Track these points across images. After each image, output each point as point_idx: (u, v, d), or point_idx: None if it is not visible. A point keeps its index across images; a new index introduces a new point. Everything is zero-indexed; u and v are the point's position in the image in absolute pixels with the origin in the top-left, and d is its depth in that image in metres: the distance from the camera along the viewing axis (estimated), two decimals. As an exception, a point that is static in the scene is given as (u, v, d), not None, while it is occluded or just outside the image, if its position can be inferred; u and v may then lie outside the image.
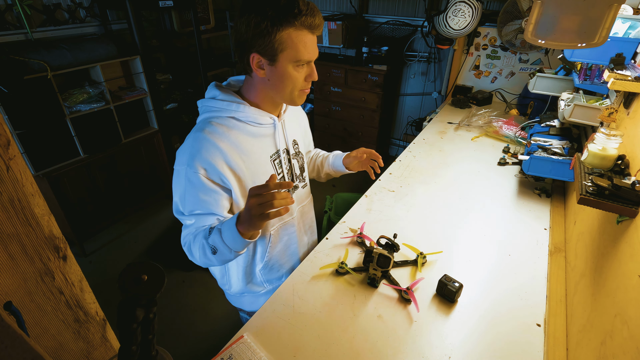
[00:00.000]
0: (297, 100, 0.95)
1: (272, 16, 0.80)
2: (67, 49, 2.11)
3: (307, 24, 0.83)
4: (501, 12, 2.28)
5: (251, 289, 1.14)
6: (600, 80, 1.18)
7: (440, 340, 0.87)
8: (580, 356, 0.78)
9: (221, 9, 3.31)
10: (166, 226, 2.78)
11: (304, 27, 0.83)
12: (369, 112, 3.12)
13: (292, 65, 0.86)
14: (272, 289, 1.16)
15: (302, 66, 0.89)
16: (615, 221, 0.81)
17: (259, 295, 1.16)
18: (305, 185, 1.15)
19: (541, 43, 0.82)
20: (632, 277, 0.66)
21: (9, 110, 1.89)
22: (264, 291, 1.16)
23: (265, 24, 0.80)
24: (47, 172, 2.15)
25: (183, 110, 3.12)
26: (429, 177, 1.57)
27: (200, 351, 1.86)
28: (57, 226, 0.69)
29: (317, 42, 0.89)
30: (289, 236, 1.12)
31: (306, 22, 0.82)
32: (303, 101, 0.97)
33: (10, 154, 0.58)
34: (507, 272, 1.08)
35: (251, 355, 0.83)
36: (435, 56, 3.02)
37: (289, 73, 0.87)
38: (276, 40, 0.82)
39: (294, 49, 0.84)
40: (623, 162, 0.85)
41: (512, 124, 1.99)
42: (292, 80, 0.89)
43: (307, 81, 0.92)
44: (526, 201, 1.42)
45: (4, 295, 0.61)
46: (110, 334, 0.87)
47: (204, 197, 0.88)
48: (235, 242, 0.81)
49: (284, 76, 0.88)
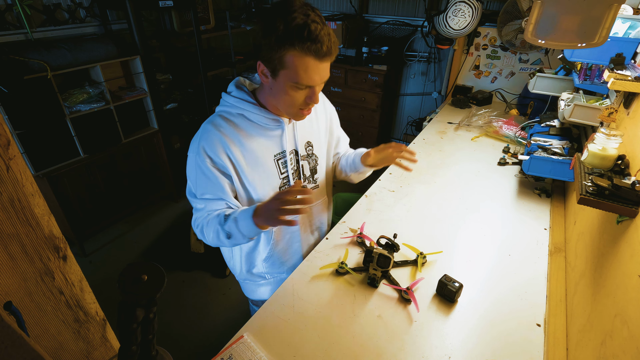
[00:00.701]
0: (295, 117, 0.97)
1: (280, 33, 0.78)
2: (67, 49, 2.11)
3: (313, 49, 0.80)
4: (501, 12, 2.28)
5: (252, 278, 1.19)
6: (600, 80, 1.18)
7: (440, 340, 0.87)
8: (580, 356, 0.78)
9: (221, 9, 3.31)
10: (166, 226, 2.78)
11: (310, 53, 0.80)
12: (369, 112, 3.12)
13: (290, 84, 0.85)
14: (272, 282, 1.19)
15: (303, 89, 0.87)
16: (615, 221, 0.81)
17: (259, 284, 1.21)
18: (317, 186, 1.16)
19: (541, 43, 0.82)
20: (632, 277, 0.66)
21: (9, 110, 1.89)
22: (264, 282, 1.20)
23: (272, 38, 0.79)
24: (47, 172, 2.15)
25: (183, 110, 3.12)
26: (429, 177, 1.57)
27: (200, 351, 1.86)
28: (57, 226, 0.69)
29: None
30: (291, 234, 1.15)
31: (312, 48, 0.79)
32: (303, 118, 0.97)
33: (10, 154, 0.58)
34: (507, 272, 1.08)
35: (251, 355, 0.83)
36: (435, 56, 3.02)
37: (287, 91, 0.87)
38: (278, 58, 0.82)
39: (294, 71, 0.82)
40: (623, 162, 0.85)
41: (512, 124, 1.99)
42: (290, 99, 0.89)
43: (306, 102, 0.90)
44: (526, 201, 1.42)
45: (4, 295, 0.61)
46: (110, 334, 0.87)
47: (212, 183, 0.95)
48: (250, 230, 0.89)
49: (283, 92, 0.88)
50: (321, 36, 0.79)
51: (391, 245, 1.07)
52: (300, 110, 0.93)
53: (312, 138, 1.10)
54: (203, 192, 0.96)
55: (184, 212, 2.93)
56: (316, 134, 1.11)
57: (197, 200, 0.99)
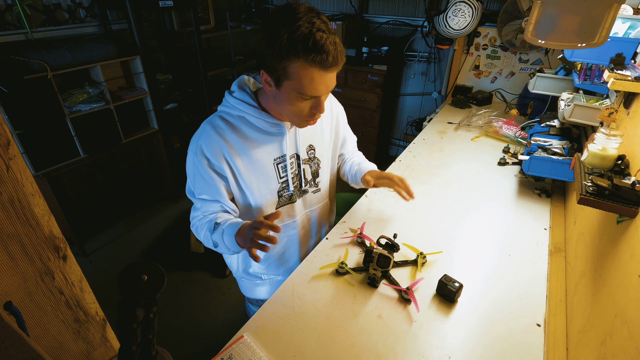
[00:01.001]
0: (299, 126, 0.95)
1: (284, 43, 0.75)
2: (67, 49, 2.11)
3: (318, 60, 0.77)
4: (501, 12, 2.28)
5: (248, 277, 1.19)
6: (600, 80, 1.18)
7: (440, 340, 0.87)
8: (580, 356, 0.78)
9: (221, 9, 3.31)
10: (166, 226, 2.78)
11: (315, 64, 0.77)
12: (369, 112, 3.12)
13: (295, 95, 0.83)
14: (268, 283, 1.18)
15: (308, 99, 0.85)
16: (615, 221, 0.81)
17: (256, 284, 1.21)
18: (318, 190, 1.15)
19: (541, 43, 0.82)
20: (632, 277, 0.66)
21: (9, 110, 1.88)
22: (260, 282, 1.20)
23: (276, 48, 0.76)
24: (47, 172, 2.15)
25: (183, 110, 3.12)
26: (429, 177, 1.57)
27: (200, 351, 1.86)
28: (57, 226, 0.69)
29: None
30: (288, 238, 1.14)
31: (318, 59, 0.77)
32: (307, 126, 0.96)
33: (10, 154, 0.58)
34: (507, 272, 1.08)
35: (251, 355, 0.83)
36: (435, 56, 3.02)
37: (292, 101, 0.85)
38: (283, 68, 0.79)
39: (299, 82, 0.80)
40: (623, 162, 0.85)
41: (512, 124, 1.99)
42: (295, 109, 0.87)
43: (312, 112, 0.88)
44: (526, 201, 1.42)
45: (4, 295, 0.61)
46: (110, 334, 0.87)
47: (208, 184, 0.96)
48: (234, 246, 0.90)
49: (287, 102, 0.86)
50: (327, 46, 0.76)
51: (391, 245, 1.07)
52: (306, 120, 0.91)
53: (314, 141, 1.08)
54: (200, 192, 0.97)
55: (184, 212, 2.93)
56: (319, 136, 1.09)
57: (195, 199, 1.00)
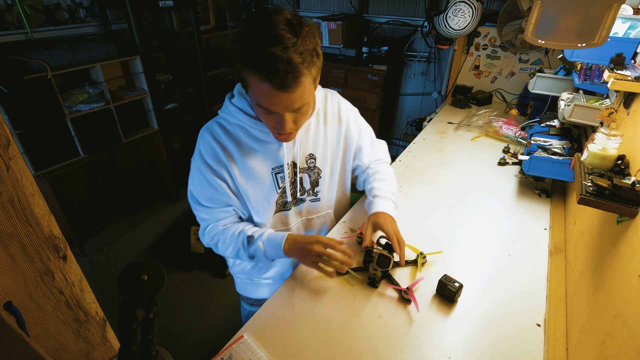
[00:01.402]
0: (276, 139, 0.92)
1: (242, 48, 0.72)
2: (67, 49, 2.11)
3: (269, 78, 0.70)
4: (501, 12, 2.28)
5: (241, 274, 1.20)
6: (600, 80, 1.18)
7: (440, 340, 0.87)
8: (580, 356, 0.78)
9: (221, 9, 3.31)
10: (166, 226, 2.78)
11: (267, 81, 0.71)
12: (369, 112, 3.12)
13: (256, 106, 0.81)
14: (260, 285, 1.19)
15: (270, 113, 0.80)
16: (615, 221, 0.81)
17: (246, 282, 1.21)
18: (317, 200, 1.13)
19: (541, 43, 0.82)
20: (632, 277, 0.66)
21: (9, 110, 1.89)
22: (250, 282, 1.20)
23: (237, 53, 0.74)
24: (47, 172, 2.15)
25: (183, 110, 3.12)
26: (429, 177, 1.57)
27: (200, 351, 1.86)
28: (57, 226, 0.69)
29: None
30: None
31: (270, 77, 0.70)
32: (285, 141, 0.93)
33: (10, 154, 0.58)
34: (507, 272, 1.08)
35: (251, 355, 0.83)
36: (435, 56, 3.02)
37: (258, 112, 0.84)
38: (242, 77, 0.77)
39: (255, 92, 0.76)
40: (623, 162, 0.85)
41: (512, 124, 1.99)
42: (264, 120, 0.86)
43: (276, 128, 0.85)
44: (526, 201, 1.42)
45: (4, 295, 0.61)
46: (110, 334, 0.87)
47: (217, 190, 0.96)
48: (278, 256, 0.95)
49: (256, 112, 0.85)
50: (277, 66, 0.68)
51: (391, 245, 1.07)
52: (277, 133, 0.87)
53: (316, 150, 1.05)
54: (206, 200, 0.97)
55: (184, 212, 2.93)
56: (321, 145, 1.05)
57: (200, 208, 0.98)
